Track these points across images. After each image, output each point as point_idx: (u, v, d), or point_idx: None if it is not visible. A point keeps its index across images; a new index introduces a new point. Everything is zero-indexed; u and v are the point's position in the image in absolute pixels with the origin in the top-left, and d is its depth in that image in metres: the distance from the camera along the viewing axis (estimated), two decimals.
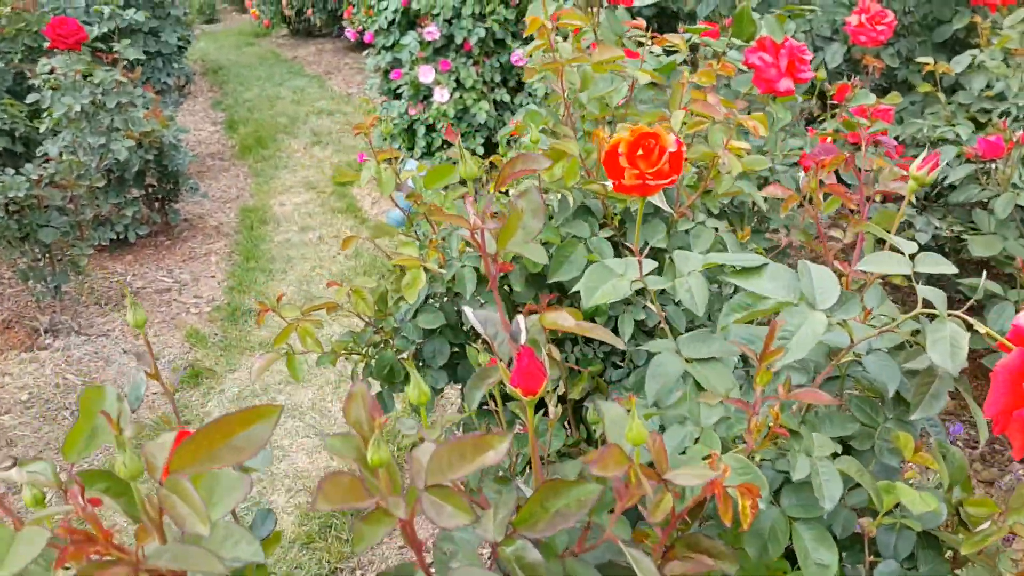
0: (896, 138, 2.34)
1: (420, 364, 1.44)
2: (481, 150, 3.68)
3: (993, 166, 1.82)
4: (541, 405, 0.99)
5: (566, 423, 1.31)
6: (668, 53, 1.65)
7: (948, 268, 0.81)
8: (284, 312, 1.35)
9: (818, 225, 0.98)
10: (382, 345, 1.46)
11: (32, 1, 3.42)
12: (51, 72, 2.81)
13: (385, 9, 3.70)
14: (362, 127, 1.41)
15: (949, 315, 0.74)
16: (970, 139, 2.09)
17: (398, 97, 3.88)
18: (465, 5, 3.54)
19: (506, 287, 1.40)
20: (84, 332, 2.88)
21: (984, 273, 0.96)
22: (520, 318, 0.74)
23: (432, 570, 0.62)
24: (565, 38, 1.47)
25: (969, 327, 0.73)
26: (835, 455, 0.78)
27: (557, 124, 1.54)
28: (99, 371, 2.68)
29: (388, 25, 3.73)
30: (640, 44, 1.57)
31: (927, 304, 0.75)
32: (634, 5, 1.76)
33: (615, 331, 1.24)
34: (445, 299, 1.47)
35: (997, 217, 1.77)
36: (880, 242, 0.93)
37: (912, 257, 0.80)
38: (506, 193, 1.59)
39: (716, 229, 1.25)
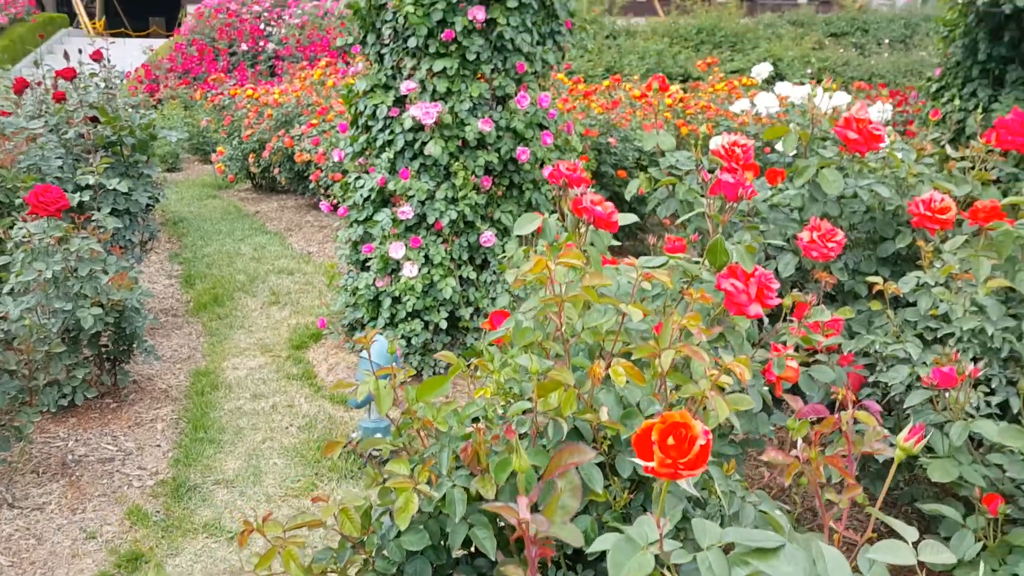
0: (847, 351, 2.47)
1: None
2: (444, 323, 3.74)
3: (947, 393, 1.92)
4: None
5: None
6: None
7: (949, 558, 0.84)
8: (267, 529, 1.32)
9: (817, 494, 1.02)
10: (361, 565, 1.42)
11: (10, 158, 3.46)
12: (27, 237, 2.81)
13: (361, 187, 3.84)
14: (333, 447, 1.48)
15: None
16: (920, 357, 2.22)
17: (366, 269, 3.96)
18: (439, 189, 3.71)
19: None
20: (17, 504, 2.71)
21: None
22: None
23: None
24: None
25: None
26: None
27: (546, 340, 1.59)
28: (30, 550, 2.51)
29: (363, 201, 3.86)
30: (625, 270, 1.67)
31: None
32: (614, 217, 1.87)
33: None
34: (429, 517, 1.45)
35: (952, 444, 1.85)
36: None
37: (915, 544, 0.84)
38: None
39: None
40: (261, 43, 12.94)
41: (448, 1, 3.53)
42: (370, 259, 3.86)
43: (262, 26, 13.23)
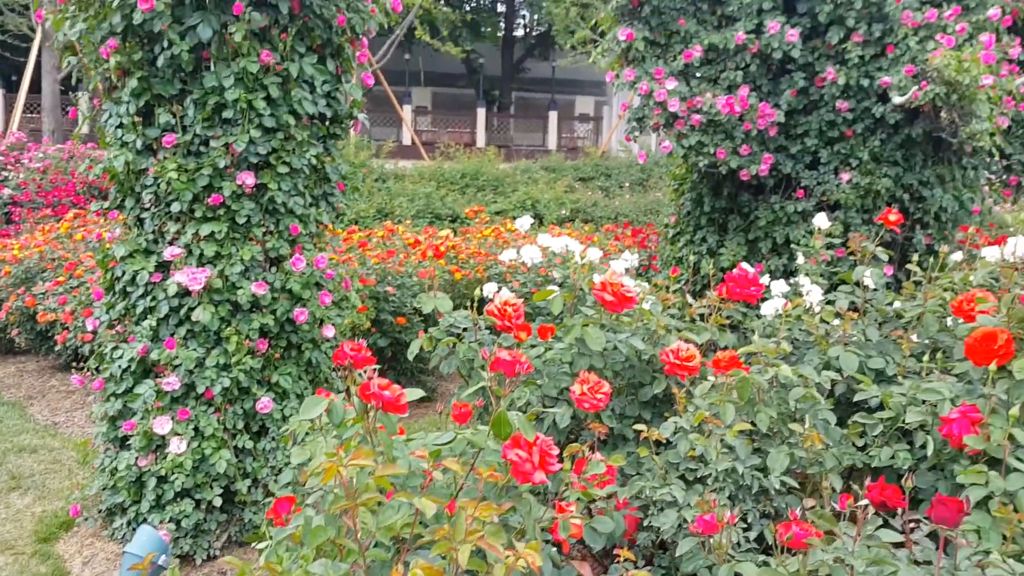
0: (622, 497, 2.62)
1: None
2: (219, 500, 3.48)
3: (711, 538, 2.10)
4: None
5: None
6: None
7: None
8: None
9: None
10: None
11: None
12: None
13: (119, 358, 3.56)
14: None
15: None
16: (685, 499, 2.41)
17: (127, 447, 3.62)
18: (210, 356, 3.54)
19: None
20: None
21: None
22: None
23: None
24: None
25: None
26: None
27: (340, 537, 1.55)
28: None
29: (122, 373, 3.57)
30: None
31: None
32: (402, 400, 1.90)
33: None
34: None
35: None
36: None
37: None
38: None
39: None
40: None
41: (215, 167, 3.50)
42: (131, 436, 3.55)
43: None
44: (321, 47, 3.69)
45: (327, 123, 3.87)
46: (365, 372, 1.88)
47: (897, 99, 4.42)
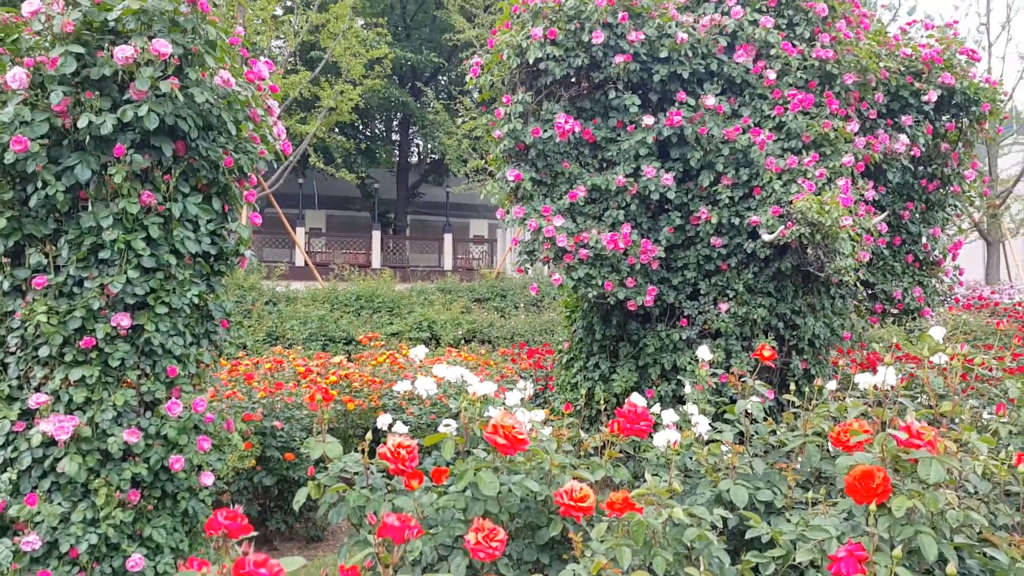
0: None
1: None
2: None
3: None
4: None
5: None
6: None
7: None
8: None
9: None
10: None
11: None
12: None
13: None
14: None
15: None
16: None
17: None
18: (76, 510, 3.26)
19: None
20: None
21: None
22: None
23: None
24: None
25: None
26: None
27: None
28: None
29: None
30: None
31: None
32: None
33: None
34: None
35: None
36: None
37: None
38: None
39: None
40: None
41: (88, 308, 3.33)
42: None
43: None
44: (207, 186, 3.65)
45: (211, 260, 3.78)
46: (240, 544, 1.77)
47: (766, 236, 4.73)
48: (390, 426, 3.34)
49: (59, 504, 3.28)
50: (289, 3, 20.28)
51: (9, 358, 3.44)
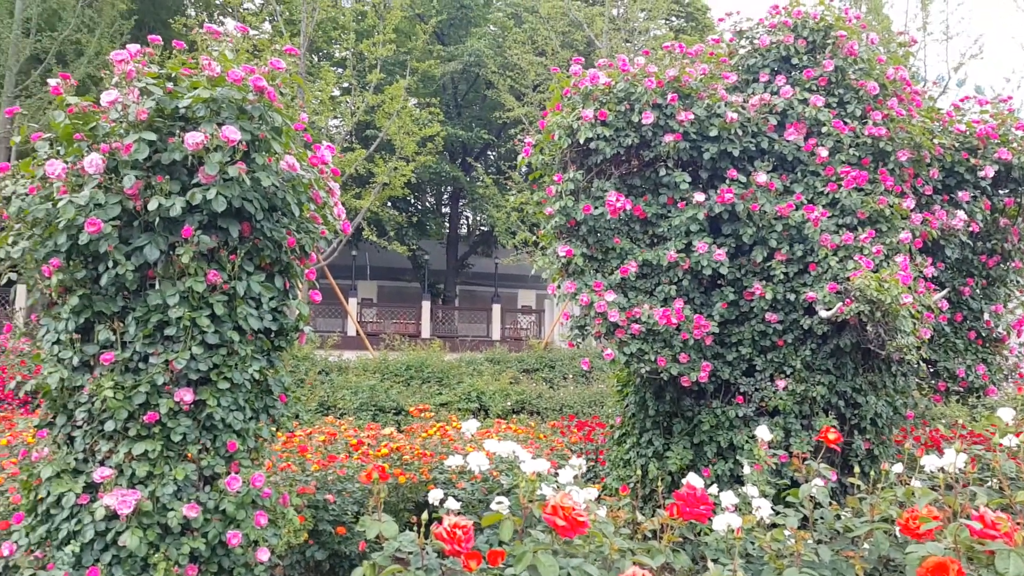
0: None
1: None
2: None
3: None
4: None
5: None
6: None
7: None
8: None
9: None
10: None
11: None
12: None
13: None
14: None
15: None
16: None
17: None
18: None
19: None
20: None
21: None
22: None
23: None
24: None
25: None
26: None
27: None
28: None
29: None
30: None
31: None
32: None
33: None
34: None
35: None
36: None
37: None
38: None
39: None
40: None
41: (152, 383, 3.42)
42: None
43: None
44: (270, 265, 3.77)
45: (272, 336, 3.87)
46: None
47: (824, 313, 4.67)
48: (441, 501, 3.32)
49: None
50: (346, 84, 21.09)
51: (76, 432, 3.54)
